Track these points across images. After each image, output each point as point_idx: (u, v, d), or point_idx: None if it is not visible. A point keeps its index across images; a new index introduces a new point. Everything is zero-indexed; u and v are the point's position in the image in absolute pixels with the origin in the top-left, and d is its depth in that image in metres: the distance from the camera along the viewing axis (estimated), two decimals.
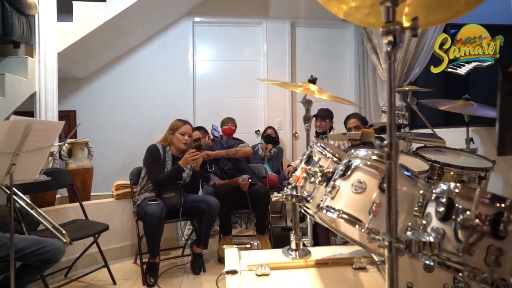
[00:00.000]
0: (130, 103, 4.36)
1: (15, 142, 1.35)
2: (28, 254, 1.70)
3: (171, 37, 4.52)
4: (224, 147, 3.11)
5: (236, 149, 3.05)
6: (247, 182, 2.90)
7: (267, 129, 4.23)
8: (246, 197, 2.88)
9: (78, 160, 2.92)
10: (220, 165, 3.07)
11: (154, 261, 2.49)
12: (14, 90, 2.76)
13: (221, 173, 3.06)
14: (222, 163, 3.07)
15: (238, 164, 3.09)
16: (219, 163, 3.07)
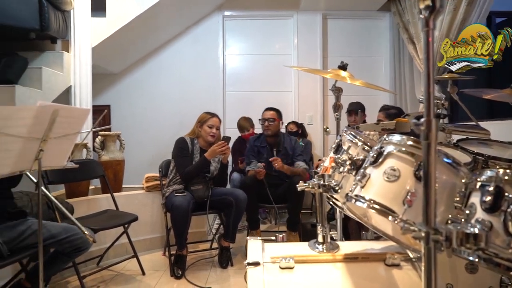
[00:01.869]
0: (161, 97, 4.42)
1: (43, 127, 1.36)
2: (59, 241, 1.74)
3: (202, 32, 4.53)
4: (288, 153, 3.02)
5: (302, 170, 2.91)
6: (262, 170, 2.80)
7: (289, 124, 4.13)
8: (275, 191, 2.81)
9: (110, 152, 2.98)
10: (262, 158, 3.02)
11: (181, 253, 2.49)
12: (50, 84, 2.85)
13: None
14: (268, 155, 3.00)
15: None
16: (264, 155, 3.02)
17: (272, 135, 3.02)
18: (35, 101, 2.63)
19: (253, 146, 3.07)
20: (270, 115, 3.03)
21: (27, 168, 1.43)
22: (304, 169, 2.95)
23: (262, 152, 3.05)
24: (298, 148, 3.08)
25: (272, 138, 3.03)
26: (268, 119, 3.00)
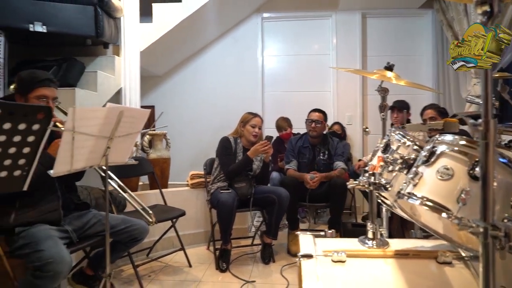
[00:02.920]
0: (203, 98, 4.58)
1: (110, 127, 1.50)
2: (118, 231, 1.88)
3: (241, 34, 4.64)
4: (331, 154, 3.05)
5: (339, 171, 2.95)
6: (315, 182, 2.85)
7: (334, 125, 4.14)
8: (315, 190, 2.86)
9: (157, 150, 3.15)
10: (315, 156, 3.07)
11: (226, 248, 2.60)
12: (104, 86, 3.06)
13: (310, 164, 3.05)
14: (318, 154, 3.05)
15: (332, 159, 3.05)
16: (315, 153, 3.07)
17: (317, 136, 3.06)
18: (92, 102, 2.85)
19: (294, 146, 3.13)
20: (317, 116, 3.06)
21: (96, 163, 1.57)
22: (341, 169, 2.97)
23: (303, 152, 3.09)
24: (339, 148, 3.11)
25: (316, 139, 3.08)
26: (315, 120, 3.04)
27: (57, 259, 1.49)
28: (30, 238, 1.57)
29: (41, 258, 1.48)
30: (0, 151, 1.12)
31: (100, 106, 2.96)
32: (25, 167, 1.23)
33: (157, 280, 2.43)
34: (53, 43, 3.05)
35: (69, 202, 1.88)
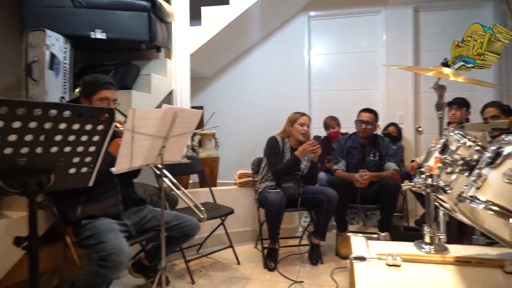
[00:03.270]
0: (250, 98, 4.64)
1: (166, 127, 1.58)
2: (171, 227, 1.97)
3: (287, 33, 4.64)
4: (382, 155, 2.96)
5: (391, 171, 2.85)
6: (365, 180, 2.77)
7: (389, 126, 3.98)
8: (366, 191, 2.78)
9: (206, 150, 3.24)
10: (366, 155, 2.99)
11: (274, 247, 2.61)
12: (157, 88, 3.20)
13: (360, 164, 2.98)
14: (368, 155, 2.98)
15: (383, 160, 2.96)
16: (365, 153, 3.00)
17: (367, 137, 2.99)
18: (147, 104, 2.99)
19: (343, 146, 3.06)
20: (368, 117, 2.98)
21: (152, 162, 1.66)
22: (393, 170, 2.87)
23: (353, 152, 3.02)
24: (391, 149, 2.99)
25: (366, 140, 3.00)
26: (366, 122, 2.96)
27: (118, 250, 1.59)
28: (95, 230, 1.70)
29: (104, 249, 1.59)
30: (69, 150, 1.21)
31: (154, 107, 3.10)
32: (91, 164, 1.33)
33: (207, 275, 2.50)
34: (111, 48, 3.25)
35: (127, 197, 2.01)
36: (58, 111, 1.07)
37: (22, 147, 1.02)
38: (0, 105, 0.94)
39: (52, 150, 1.11)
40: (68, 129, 1.12)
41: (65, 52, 2.57)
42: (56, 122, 1.08)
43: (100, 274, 1.59)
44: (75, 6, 2.71)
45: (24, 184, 1.07)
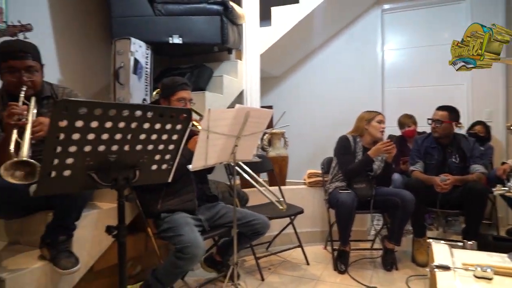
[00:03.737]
0: (319, 96, 4.57)
1: (238, 126, 1.62)
2: (242, 224, 2.02)
3: (359, 29, 4.47)
4: (466, 155, 2.72)
5: (477, 175, 2.61)
6: (448, 185, 2.55)
7: (475, 125, 3.60)
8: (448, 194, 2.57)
9: (276, 149, 3.27)
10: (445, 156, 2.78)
11: (344, 249, 2.54)
12: (228, 89, 3.31)
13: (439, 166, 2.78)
14: (450, 156, 2.76)
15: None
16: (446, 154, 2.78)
17: (441, 137, 2.76)
18: (219, 104, 3.11)
19: (420, 146, 2.86)
20: (438, 116, 2.76)
21: (225, 160, 1.72)
22: (479, 174, 2.60)
23: (431, 153, 2.81)
24: (477, 150, 2.72)
25: (444, 139, 2.77)
26: (435, 120, 2.75)
27: (194, 243, 1.68)
28: (173, 223, 1.81)
29: (181, 242, 1.69)
30: (152, 148, 1.30)
31: (225, 107, 3.22)
32: (170, 161, 1.41)
33: (277, 273, 2.52)
34: (186, 52, 3.45)
35: (201, 193, 2.11)
36: (142, 112, 1.16)
37: (112, 145, 1.13)
38: (95, 107, 1.04)
39: (137, 148, 1.21)
40: (151, 129, 1.21)
41: (146, 58, 2.79)
42: (141, 122, 1.17)
43: (177, 265, 1.70)
44: (156, 15, 2.92)
45: (114, 178, 1.18)
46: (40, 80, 1.71)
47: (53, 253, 1.63)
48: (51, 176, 1.05)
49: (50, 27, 2.87)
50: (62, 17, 2.94)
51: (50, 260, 1.63)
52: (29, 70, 1.63)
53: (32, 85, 1.64)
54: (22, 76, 1.60)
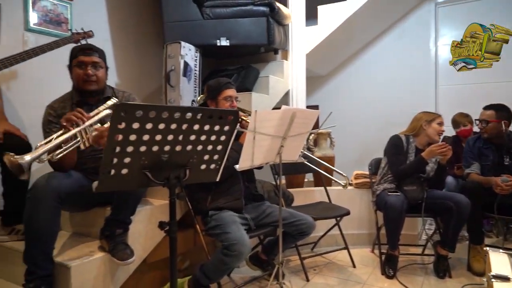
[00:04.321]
0: (367, 95, 4.46)
1: (284, 127, 1.64)
2: (288, 224, 2.03)
3: (409, 25, 4.30)
4: None
5: None
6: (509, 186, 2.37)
7: None
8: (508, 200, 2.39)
9: (322, 149, 3.24)
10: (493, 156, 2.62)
11: (393, 254, 2.45)
12: (274, 89, 3.33)
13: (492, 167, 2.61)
14: (494, 157, 2.61)
15: None
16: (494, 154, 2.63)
17: (491, 137, 2.57)
18: (265, 105, 3.15)
19: (472, 147, 2.69)
20: (485, 115, 2.60)
21: (271, 160, 1.74)
22: None
23: (485, 153, 2.63)
24: None
25: (497, 139, 2.58)
26: (482, 120, 2.60)
27: (240, 241, 1.72)
28: (220, 221, 1.87)
29: (228, 239, 1.74)
30: (201, 148, 1.36)
31: (271, 107, 3.24)
32: (218, 161, 1.46)
33: (322, 275, 2.50)
34: (233, 54, 3.52)
35: (248, 193, 2.15)
36: (192, 114, 1.22)
37: (165, 145, 1.19)
38: (150, 110, 1.11)
39: (188, 148, 1.27)
40: (200, 130, 1.26)
41: (195, 60, 2.89)
42: (191, 123, 1.22)
43: (224, 261, 1.75)
44: (204, 18, 3.02)
45: (166, 177, 1.24)
46: (104, 77, 1.88)
47: (111, 245, 1.76)
48: (111, 174, 1.13)
49: (108, 33, 3.08)
50: (119, 24, 3.15)
51: (109, 251, 1.76)
52: (95, 65, 1.81)
53: (96, 79, 1.82)
54: (88, 70, 1.79)
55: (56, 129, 1.69)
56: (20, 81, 2.47)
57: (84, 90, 1.82)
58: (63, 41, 2.23)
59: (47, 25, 2.62)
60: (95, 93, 1.85)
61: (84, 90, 1.82)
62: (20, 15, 2.49)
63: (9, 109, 2.20)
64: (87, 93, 1.84)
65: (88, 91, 1.83)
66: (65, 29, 2.71)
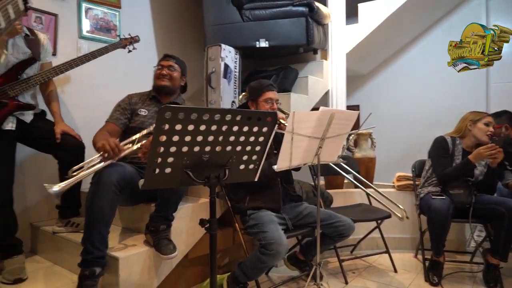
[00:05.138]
0: (410, 94, 4.29)
1: (322, 128, 1.63)
2: (326, 225, 2.02)
3: (458, 19, 4.07)
4: None
5: None
6: None
7: None
8: None
9: (362, 150, 3.18)
10: None
11: (438, 260, 2.35)
12: (314, 90, 3.31)
13: None
14: None
15: None
16: None
17: None
18: (303, 105, 3.14)
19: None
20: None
21: (309, 161, 1.74)
22: None
23: None
24: None
25: None
26: None
27: (278, 241, 1.74)
28: (258, 220, 1.90)
29: (266, 238, 1.77)
30: (240, 149, 1.39)
31: (310, 108, 3.23)
32: (256, 162, 1.49)
33: (361, 278, 2.45)
34: (272, 54, 3.54)
35: (286, 193, 2.16)
36: (232, 116, 1.25)
37: (206, 146, 1.24)
38: (191, 112, 1.16)
39: (227, 148, 1.31)
40: (240, 131, 1.30)
41: (235, 62, 2.95)
42: (231, 125, 1.26)
43: (262, 260, 1.77)
44: (244, 21, 3.07)
45: (207, 176, 1.29)
46: (176, 79, 2.16)
47: (156, 240, 1.85)
48: (155, 172, 1.20)
49: (152, 37, 3.24)
50: (162, 29, 3.30)
51: (153, 245, 1.85)
52: (169, 68, 2.15)
53: (169, 78, 2.13)
54: (164, 70, 2.12)
55: (119, 113, 2.06)
56: (74, 85, 2.67)
57: (157, 85, 2.14)
58: (112, 47, 2.37)
59: (98, 32, 2.80)
60: (165, 89, 2.13)
61: (157, 85, 2.14)
62: (75, 24, 2.68)
63: (64, 111, 2.38)
64: (160, 89, 2.13)
65: (160, 86, 2.12)
66: (114, 35, 2.88)
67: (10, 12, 0.68)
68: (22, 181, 2.38)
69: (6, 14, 0.68)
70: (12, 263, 1.90)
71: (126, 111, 2.09)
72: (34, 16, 2.44)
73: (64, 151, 2.08)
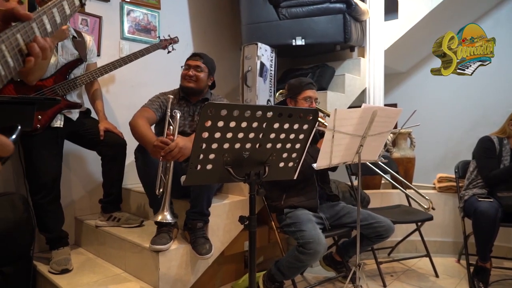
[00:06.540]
0: (452, 92, 4.11)
1: (364, 126, 1.59)
2: (365, 225, 1.97)
3: (505, 14, 3.84)
4: None
5: None
6: None
7: None
8: None
9: (401, 149, 3.07)
10: None
11: (484, 266, 2.23)
12: (351, 87, 3.25)
13: None
14: None
15: None
16: None
17: None
18: (340, 104, 3.09)
19: None
20: None
21: (349, 160, 1.71)
22: None
23: None
24: None
25: None
26: None
27: (316, 240, 1.72)
28: (295, 219, 1.89)
29: (304, 237, 1.75)
30: (280, 146, 1.38)
31: (347, 106, 3.17)
32: (296, 160, 1.48)
33: (400, 282, 2.38)
34: (308, 52, 3.50)
35: (323, 192, 2.13)
36: (273, 113, 1.25)
37: (246, 143, 1.24)
38: (234, 109, 1.17)
39: (267, 146, 1.30)
40: (280, 128, 1.29)
41: (271, 61, 2.94)
42: (271, 122, 1.25)
43: (299, 259, 1.76)
44: (280, 19, 3.06)
45: (247, 173, 1.30)
46: (203, 80, 2.09)
47: (192, 238, 1.88)
48: (197, 169, 1.21)
49: (190, 38, 3.29)
50: (199, 29, 3.35)
51: (190, 243, 1.89)
52: (196, 68, 2.07)
53: (196, 79, 2.06)
54: (190, 71, 2.06)
55: (157, 105, 2.04)
56: (116, 85, 2.77)
57: (184, 87, 2.09)
58: (153, 47, 2.44)
59: (139, 33, 2.89)
60: (192, 90, 2.08)
61: (184, 87, 2.09)
62: (117, 26, 2.78)
63: (107, 110, 2.47)
64: (186, 90, 2.09)
65: (186, 87, 2.08)
66: (154, 36, 2.96)
67: (65, 8, 0.71)
68: (68, 176, 2.50)
69: (62, 10, 0.70)
70: (59, 254, 2.00)
71: (161, 108, 2.08)
72: (80, 18, 2.56)
73: (107, 147, 2.16)
